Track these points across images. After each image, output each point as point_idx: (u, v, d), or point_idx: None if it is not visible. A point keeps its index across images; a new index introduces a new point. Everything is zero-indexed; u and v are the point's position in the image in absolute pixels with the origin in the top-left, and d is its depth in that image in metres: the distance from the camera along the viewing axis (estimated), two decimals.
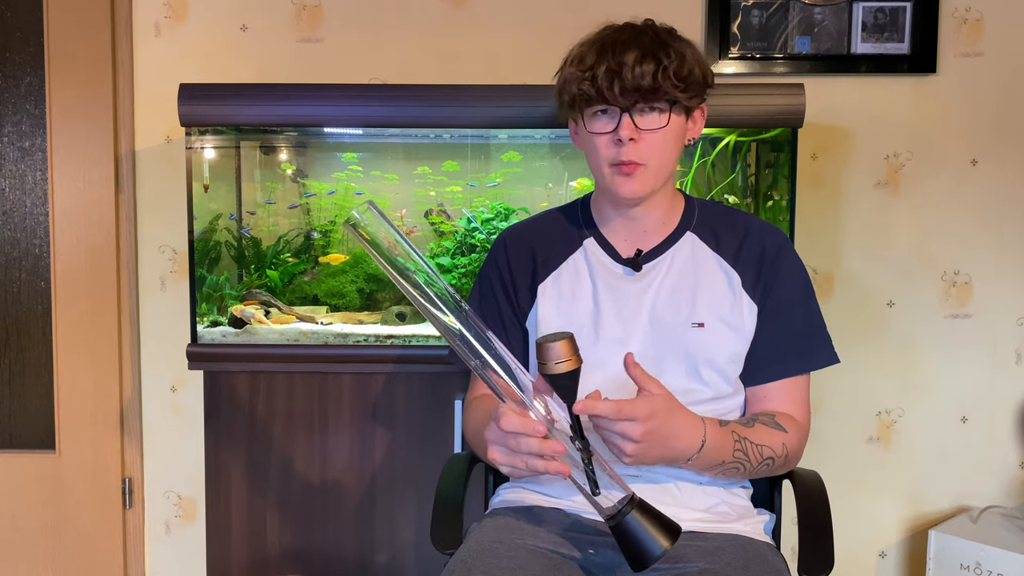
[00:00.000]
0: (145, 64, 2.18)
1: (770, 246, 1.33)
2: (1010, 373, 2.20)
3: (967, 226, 2.17)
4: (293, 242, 2.15)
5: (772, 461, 1.25)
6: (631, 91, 1.21)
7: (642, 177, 1.26)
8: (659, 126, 1.24)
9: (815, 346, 1.34)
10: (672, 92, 1.22)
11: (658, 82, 1.20)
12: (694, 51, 1.26)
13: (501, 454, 1.08)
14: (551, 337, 1.03)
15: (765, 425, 1.26)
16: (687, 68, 1.23)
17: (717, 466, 1.21)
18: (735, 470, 1.22)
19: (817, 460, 2.16)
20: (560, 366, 1.02)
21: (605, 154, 1.26)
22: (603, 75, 1.21)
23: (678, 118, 1.26)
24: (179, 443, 2.25)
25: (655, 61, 1.21)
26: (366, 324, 2.04)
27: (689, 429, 1.16)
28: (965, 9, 2.11)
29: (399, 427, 1.91)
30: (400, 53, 2.16)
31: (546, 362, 1.02)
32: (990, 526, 2.05)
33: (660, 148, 1.25)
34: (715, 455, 1.19)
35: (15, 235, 2.24)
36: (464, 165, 2.12)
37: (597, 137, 1.26)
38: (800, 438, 1.31)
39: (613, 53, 1.21)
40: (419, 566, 1.94)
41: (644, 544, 1.03)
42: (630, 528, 1.04)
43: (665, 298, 1.31)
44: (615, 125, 1.24)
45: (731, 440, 1.20)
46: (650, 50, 1.21)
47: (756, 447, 1.23)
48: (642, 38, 1.23)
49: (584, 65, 1.23)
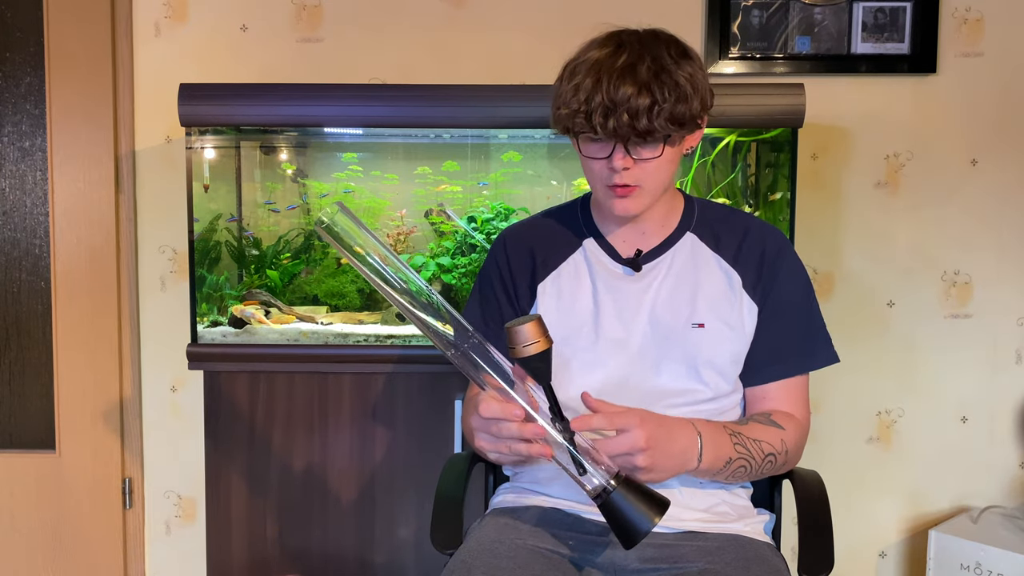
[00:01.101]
0: (145, 64, 2.18)
1: (770, 246, 1.33)
2: (1010, 373, 2.20)
3: (967, 226, 2.17)
4: (293, 242, 2.15)
5: (774, 458, 1.25)
6: (625, 128, 1.18)
7: (638, 198, 1.26)
8: (653, 156, 1.22)
9: (815, 346, 1.34)
10: (665, 131, 1.19)
11: (652, 124, 1.17)
12: (694, 74, 1.21)
13: (486, 441, 1.11)
14: (518, 321, 1.04)
15: (760, 423, 1.26)
16: (681, 107, 1.18)
17: (725, 466, 1.20)
18: (742, 469, 1.22)
19: (817, 460, 2.15)
20: (529, 348, 1.03)
21: (600, 175, 1.26)
22: (597, 111, 1.18)
23: (672, 147, 1.24)
24: (179, 443, 2.25)
25: (650, 97, 1.16)
26: (366, 324, 2.04)
27: (681, 427, 1.16)
28: (965, 9, 2.11)
29: (399, 427, 1.91)
30: (400, 53, 2.16)
31: (515, 346, 1.04)
32: (990, 526, 2.05)
33: (654, 173, 1.24)
34: (717, 452, 1.18)
35: (15, 235, 2.24)
36: (464, 165, 2.12)
37: (592, 160, 1.26)
38: (799, 436, 1.30)
39: (608, 85, 1.17)
40: (419, 566, 1.94)
41: (632, 520, 1.04)
42: (617, 505, 1.04)
43: (665, 298, 1.31)
44: (609, 152, 1.22)
45: (726, 435, 1.20)
46: (646, 84, 1.17)
47: (755, 443, 1.22)
48: (639, 66, 1.18)
49: (579, 99, 1.19)
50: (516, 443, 1.07)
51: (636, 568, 1.20)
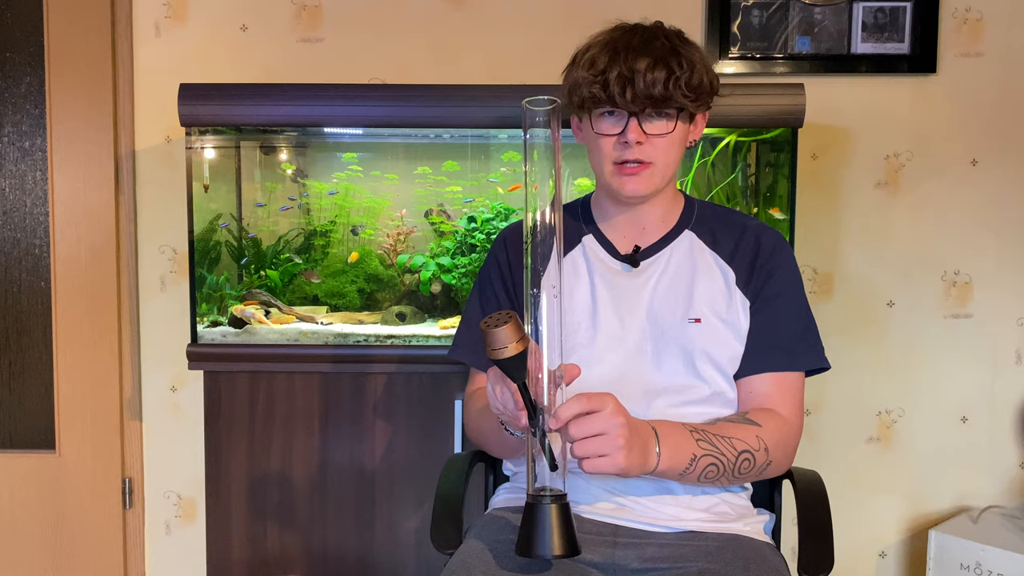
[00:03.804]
0: (145, 64, 2.18)
1: (765, 244, 1.33)
2: (1010, 373, 2.20)
3: (967, 226, 2.17)
4: (293, 242, 2.15)
5: (750, 455, 1.20)
6: (642, 98, 1.21)
7: (648, 177, 1.27)
8: (666, 132, 1.25)
9: (803, 346, 1.32)
10: (682, 101, 1.23)
11: (669, 91, 1.21)
12: (702, 58, 1.26)
13: (492, 391, 1.10)
14: (493, 321, 1.01)
15: (731, 421, 1.23)
16: (697, 78, 1.23)
17: (690, 463, 1.15)
18: (713, 467, 1.18)
19: (817, 460, 2.17)
20: (505, 351, 1.01)
21: (609, 153, 1.27)
22: (615, 80, 1.21)
23: (683, 124, 1.27)
24: (179, 443, 2.25)
25: (667, 69, 1.21)
26: (366, 324, 2.04)
27: (640, 422, 1.13)
28: (965, 9, 2.11)
29: (399, 427, 1.92)
30: (400, 53, 2.16)
31: (491, 348, 1.01)
32: (990, 526, 2.05)
33: (665, 151, 1.26)
34: (677, 448, 1.14)
35: (15, 235, 2.24)
36: (464, 165, 2.12)
37: (603, 137, 1.27)
38: (782, 434, 1.26)
39: (625, 58, 1.21)
40: (419, 566, 1.94)
41: (541, 537, 1.04)
42: (539, 515, 1.04)
43: (662, 294, 1.31)
44: (622, 127, 1.24)
45: (686, 431, 1.16)
46: (662, 57, 1.21)
47: (723, 440, 1.18)
48: (653, 43, 1.23)
49: (596, 69, 1.23)
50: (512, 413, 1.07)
51: (636, 568, 1.20)
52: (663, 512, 1.25)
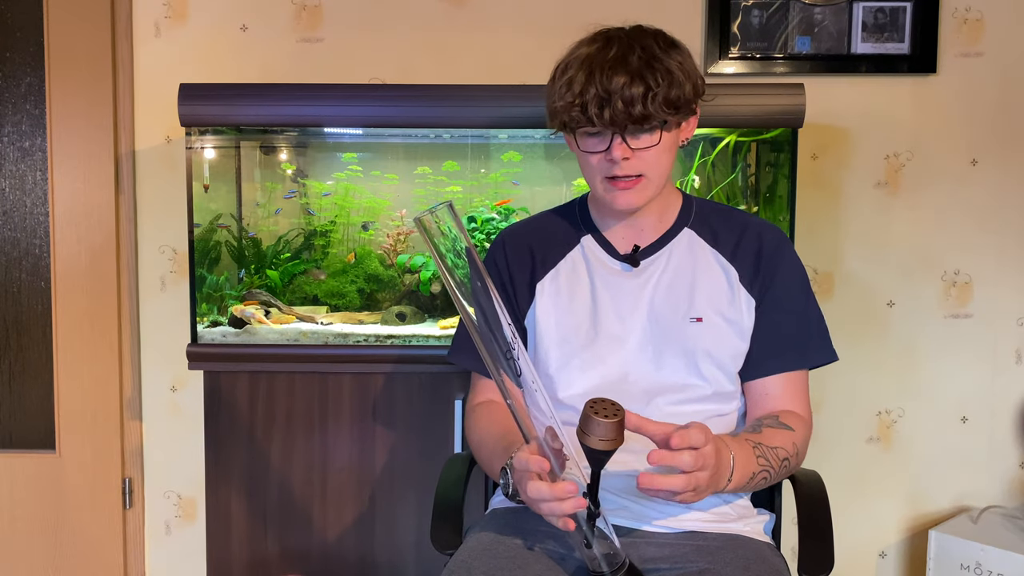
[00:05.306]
0: (145, 64, 2.18)
1: (768, 242, 1.33)
2: (1010, 373, 2.20)
3: (967, 226, 2.17)
4: (293, 242, 2.15)
5: (788, 462, 1.23)
6: (622, 118, 1.19)
7: (641, 189, 1.26)
8: (651, 144, 1.23)
9: (814, 342, 1.33)
10: (662, 116, 1.20)
11: (648, 109, 1.19)
12: (684, 61, 1.23)
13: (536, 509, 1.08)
14: (601, 408, 0.99)
15: (771, 427, 1.25)
16: (676, 92, 1.20)
17: (748, 481, 1.17)
18: (764, 479, 1.20)
19: (817, 460, 2.16)
20: (603, 444, 0.99)
21: (599, 168, 1.26)
22: (592, 102, 1.19)
23: (670, 133, 1.25)
24: (179, 443, 2.25)
25: (644, 85, 1.18)
26: (366, 324, 2.04)
27: (720, 446, 1.12)
28: (965, 9, 2.11)
29: (399, 427, 1.92)
30: (400, 53, 2.16)
31: (589, 434, 0.99)
32: (990, 526, 2.05)
33: (655, 162, 1.25)
34: (744, 469, 1.15)
35: (15, 235, 2.24)
36: (464, 165, 2.12)
37: (590, 155, 1.26)
38: (806, 435, 1.30)
39: (601, 77, 1.19)
40: (419, 566, 1.94)
41: None
42: None
43: (663, 293, 1.31)
44: (607, 145, 1.23)
45: (750, 448, 1.18)
46: (638, 73, 1.18)
47: (772, 450, 1.20)
48: (629, 57, 1.20)
49: (573, 92, 1.21)
50: (558, 520, 1.06)
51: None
52: (663, 512, 1.25)
